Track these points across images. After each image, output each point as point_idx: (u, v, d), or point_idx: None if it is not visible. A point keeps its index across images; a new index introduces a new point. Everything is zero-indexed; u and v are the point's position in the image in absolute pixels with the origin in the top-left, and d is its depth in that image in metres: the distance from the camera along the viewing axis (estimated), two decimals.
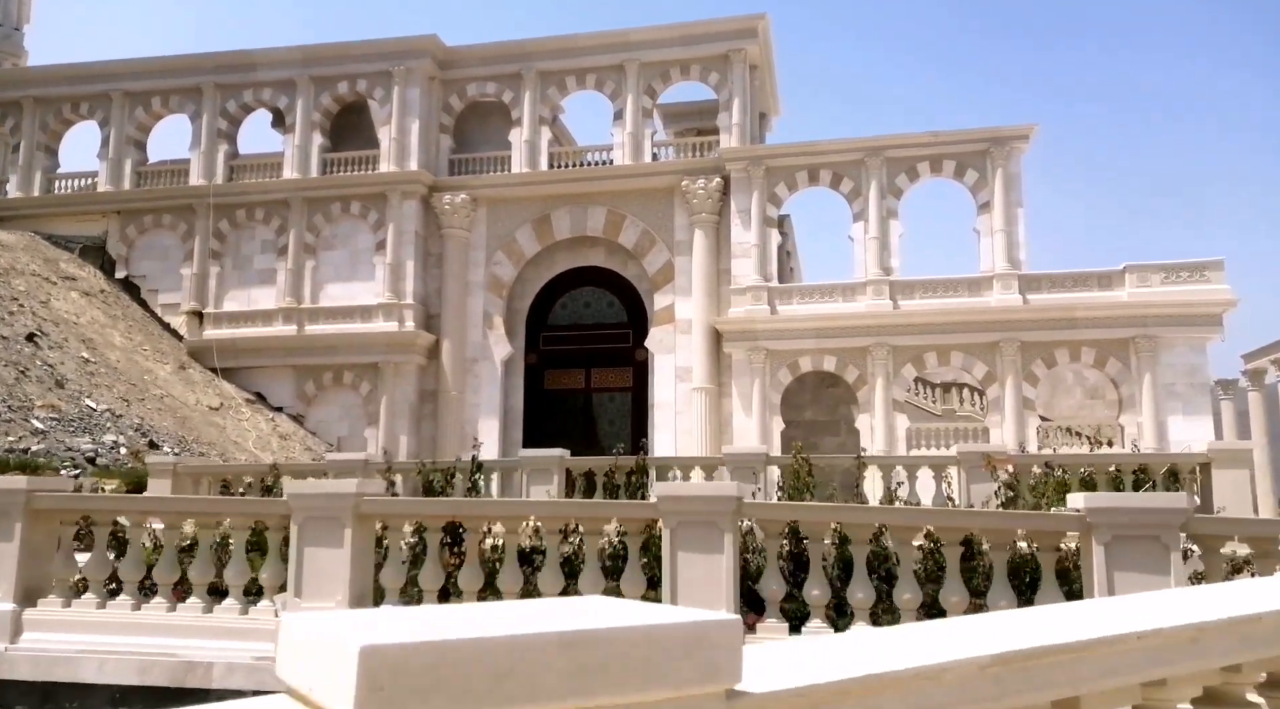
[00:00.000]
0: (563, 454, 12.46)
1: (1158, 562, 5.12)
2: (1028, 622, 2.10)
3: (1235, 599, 2.39)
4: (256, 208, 30.58)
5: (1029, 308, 24.77)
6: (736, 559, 5.66)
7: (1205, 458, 10.80)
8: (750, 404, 26.53)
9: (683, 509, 5.75)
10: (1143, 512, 5.29)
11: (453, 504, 7.33)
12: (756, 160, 27.39)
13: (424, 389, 29.39)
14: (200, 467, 14.23)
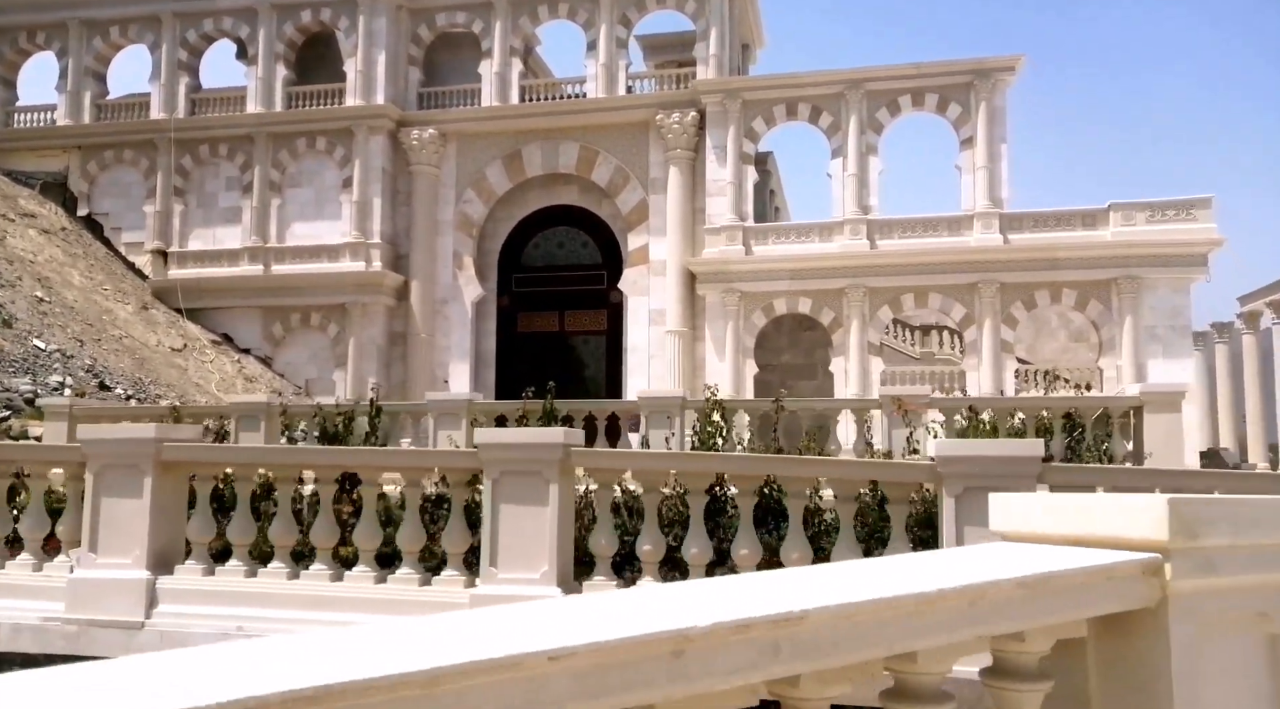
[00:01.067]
0: (471, 397, 11.89)
1: None
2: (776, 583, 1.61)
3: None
4: (220, 143, 29.68)
5: (1010, 248, 24.00)
6: (562, 513, 5.10)
7: (1137, 401, 10.19)
8: (723, 348, 25.94)
9: (506, 458, 5.17)
10: (996, 461, 4.72)
11: (263, 452, 6.79)
12: (732, 93, 26.38)
13: (393, 331, 28.80)
14: (99, 409, 13.67)
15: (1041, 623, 1.59)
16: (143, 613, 5.46)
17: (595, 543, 5.35)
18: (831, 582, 1.56)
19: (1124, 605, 1.69)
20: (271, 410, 11.85)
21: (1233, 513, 1.75)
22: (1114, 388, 23.25)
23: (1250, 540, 1.77)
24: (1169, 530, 1.68)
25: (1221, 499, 1.80)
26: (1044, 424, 9.89)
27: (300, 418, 11.58)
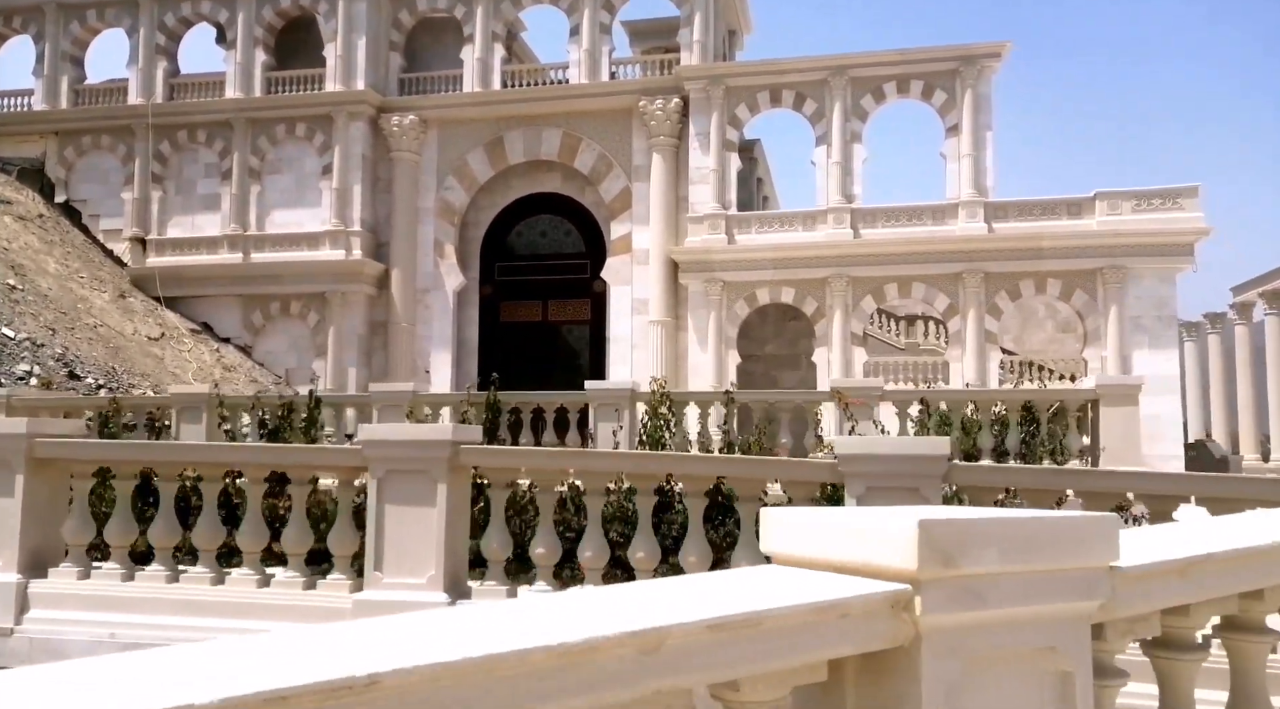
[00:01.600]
0: (415, 389, 11.60)
1: None
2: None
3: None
4: (198, 129, 29.32)
5: (994, 237, 23.68)
6: (451, 514, 4.83)
7: (1094, 394, 9.91)
8: (706, 338, 25.65)
9: (391, 456, 4.89)
10: (900, 460, 4.44)
11: (141, 448, 6.49)
12: (716, 79, 26.01)
13: (374, 320, 28.50)
14: (36, 399, 13.35)
15: (750, 670, 1.31)
16: (12, 618, 5.20)
17: (486, 545, 5.07)
18: (496, 625, 1.27)
19: (865, 646, 1.41)
20: (211, 401, 11.57)
21: (1004, 534, 1.47)
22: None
23: (1027, 566, 1.50)
24: (918, 558, 1.40)
25: (992, 518, 1.52)
26: (1000, 418, 9.61)
27: (240, 409, 11.30)
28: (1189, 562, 1.75)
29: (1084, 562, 1.58)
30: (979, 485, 4.56)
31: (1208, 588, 1.82)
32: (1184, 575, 1.75)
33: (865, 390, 10.13)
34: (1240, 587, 1.91)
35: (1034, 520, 1.54)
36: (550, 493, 5.12)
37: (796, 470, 4.88)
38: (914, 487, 4.39)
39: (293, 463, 5.51)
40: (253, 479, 5.39)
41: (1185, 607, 1.86)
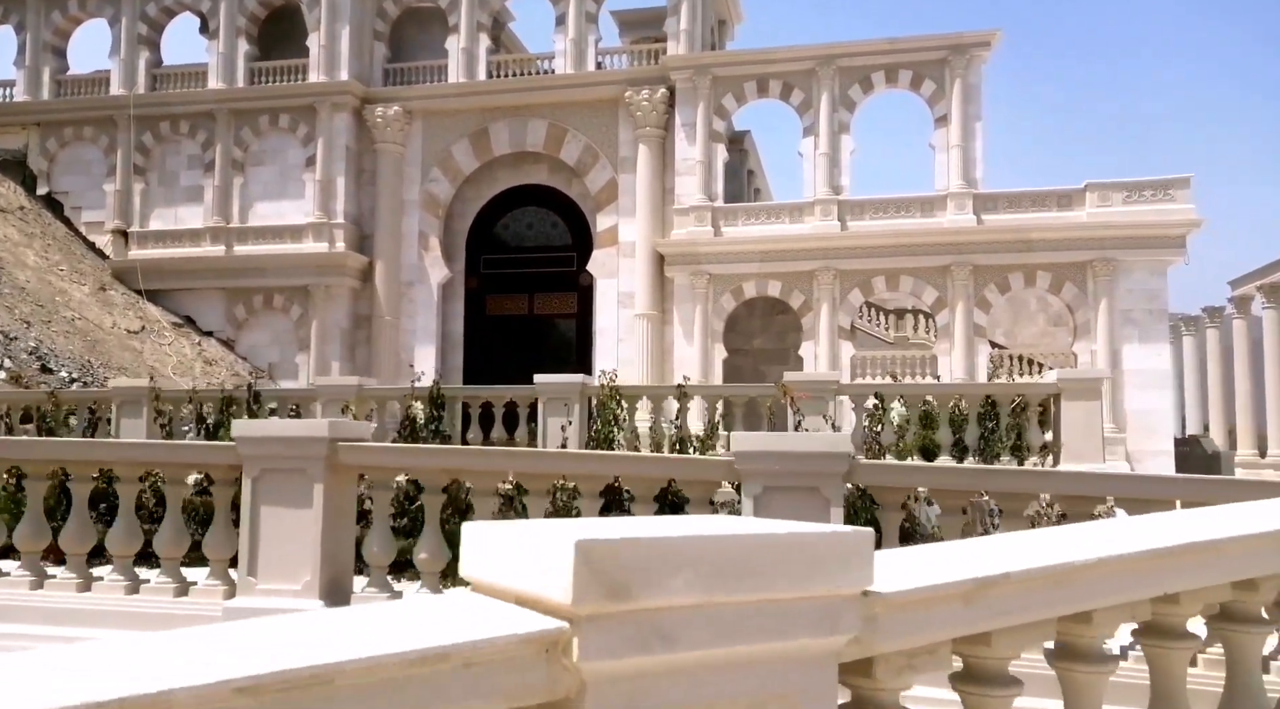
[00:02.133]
0: (361, 383, 11.30)
1: (816, 519, 3.98)
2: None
3: None
4: (181, 120, 29.01)
5: (983, 229, 23.33)
6: (330, 516, 4.53)
7: (1055, 388, 9.57)
8: (692, 331, 25.34)
9: (266, 453, 4.59)
10: (799, 457, 4.13)
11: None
12: (702, 69, 25.65)
13: (358, 313, 28.21)
14: None
15: None
16: None
17: (368, 550, 4.77)
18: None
19: (508, 703, 1.11)
20: (149, 395, 11.27)
21: (703, 556, 1.16)
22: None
23: (737, 596, 1.19)
24: (573, 589, 1.10)
25: (687, 536, 1.21)
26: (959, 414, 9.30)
27: (180, 404, 10.99)
28: (980, 583, 1.45)
29: (823, 588, 1.27)
30: (884, 485, 4.25)
31: (1006, 613, 1.52)
32: (970, 600, 1.45)
33: (818, 385, 9.79)
34: (1057, 609, 1.61)
35: (747, 538, 1.23)
36: (437, 494, 4.81)
37: (693, 469, 4.56)
38: (814, 486, 4.08)
39: (165, 461, 5.21)
40: (126, 478, 5.09)
41: (986, 635, 1.55)
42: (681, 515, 4.04)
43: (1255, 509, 2.32)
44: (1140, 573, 1.67)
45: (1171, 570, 1.71)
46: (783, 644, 1.27)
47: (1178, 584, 1.76)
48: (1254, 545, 1.87)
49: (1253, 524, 1.96)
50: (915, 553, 1.67)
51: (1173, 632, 1.87)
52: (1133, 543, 1.68)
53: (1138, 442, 22.07)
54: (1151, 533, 1.79)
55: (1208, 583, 1.83)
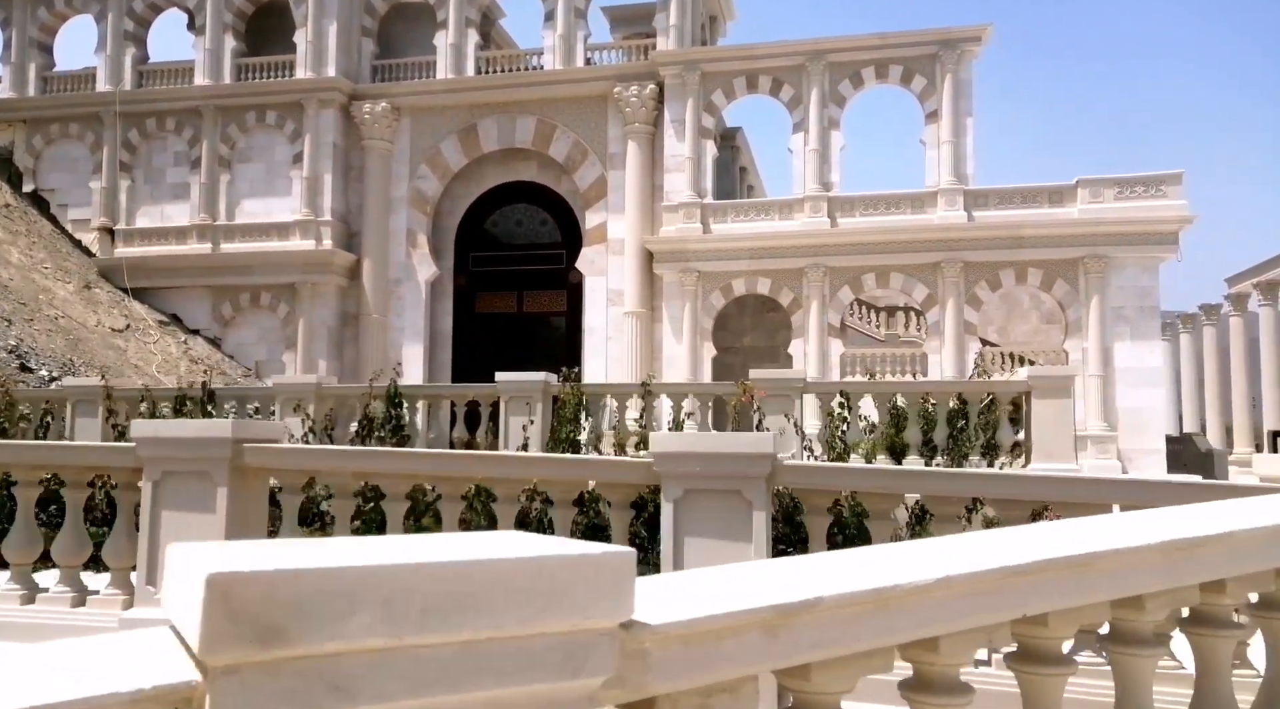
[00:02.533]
0: (319, 381, 11.07)
1: (738, 524, 3.77)
2: None
3: None
4: (167, 117, 28.80)
5: (974, 225, 23.10)
6: (233, 521, 4.31)
7: (1026, 386, 9.31)
8: (681, 329, 25.12)
9: (166, 455, 4.36)
10: (720, 459, 3.90)
11: None
12: (691, 65, 25.42)
13: (345, 311, 28.00)
14: None
15: None
16: None
17: None
18: None
19: None
20: (102, 394, 11.05)
21: (390, 593, 0.95)
22: (1079, 371, 22.42)
23: (434, 638, 0.98)
24: (202, 636, 0.89)
25: (370, 568, 0.98)
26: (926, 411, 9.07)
27: (130, 403, 10.78)
28: (781, 611, 1.23)
29: (565, 622, 1.06)
30: (807, 487, 4.03)
31: (824, 643, 1.30)
32: (772, 630, 1.23)
33: (784, 382, 9.54)
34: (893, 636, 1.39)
35: (461, 566, 1.01)
36: (348, 498, 4.58)
37: (610, 471, 4.33)
38: (736, 489, 3.86)
39: (63, 463, 4.98)
40: (25, 482, 4.87)
41: (805, 668, 1.34)
42: (408, 536, 3.89)
43: (1153, 517, 2.11)
44: (994, 593, 1.46)
45: (1033, 590, 1.50)
46: (511, 691, 1.06)
47: (1042, 604, 1.55)
48: (1135, 560, 1.66)
49: (1140, 534, 1.75)
50: (717, 575, 1.46)
51: (1044, 656, 1.66)
52: (988, 558, 1.47)
53: (1129, 440, 21.86)
54: (1015, 546, 1.58)
55: (1079, 602, 1.62)
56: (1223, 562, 2.00)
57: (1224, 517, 2.23)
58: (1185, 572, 1.94)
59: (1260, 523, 2.03)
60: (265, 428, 4.65)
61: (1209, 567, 2.05)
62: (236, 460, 4.35)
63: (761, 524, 3.81)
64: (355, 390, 10.68)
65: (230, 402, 11.30)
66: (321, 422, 10.31)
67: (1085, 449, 21.99)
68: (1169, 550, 1.84)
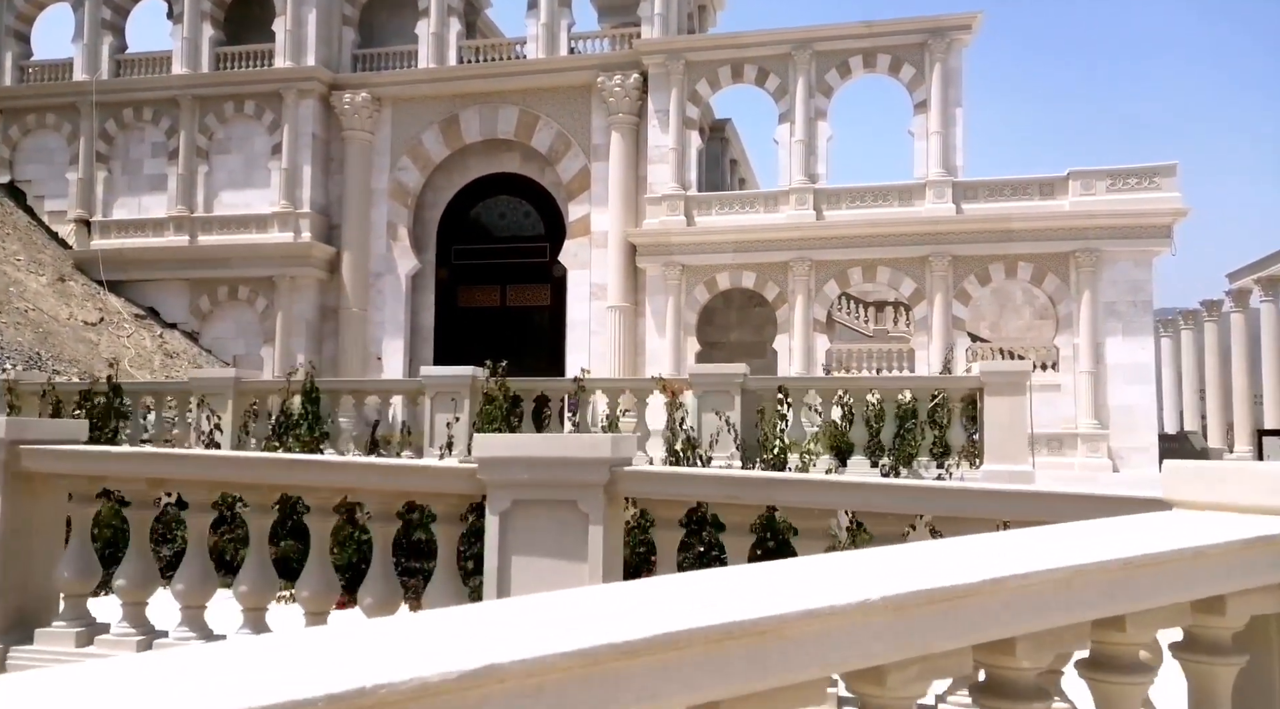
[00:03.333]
0: (238, 376, 10.54)
1: (573, 541, 3.25)
2: None
3: None
4: (145, 107, 28.32)
5: (963, 218, 22.54)
6: (6, 535, 3.80)
7: (978, 383, 8.73)
8: (664, 324, 24.61)
9: None
10: (552, 464, 3.37)
11: None
12: (675, 54, 24.87)
13: (325, 305, 27.53)
14: None
15: None
16: None
17: (59, 576, 4.02)
18: None
19: None
20: (3, 389, 10.55)
21: None
22: (1070, 367, 21.91)
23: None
24: None
25: None
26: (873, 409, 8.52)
27: (31, 397, 10.26)
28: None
29: None
30: (654, 496, 3.50)
31: None
32: None
33: (723, 378, 8.96)
34: None
35: None
36: (148, 508, 4.06)
37: (429, 479, 3.80)
38: (571, 499, 3.34)
39: None
40: None
41: None
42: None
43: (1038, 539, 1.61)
44: (677, 666, 0.96)
45: (709, 669, 0.99)
46: None
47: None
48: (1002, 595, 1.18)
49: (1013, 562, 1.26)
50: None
51: None
52: (690, 615, 0.97)
53: (1120, 438, 21.31)
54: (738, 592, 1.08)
55: (807, 676, 1.12)
56: (1114, 595, 1.52)
57: (1126, 538, 1.73)
58: (1073, 607, 1.45)
59: (1153, 548, 1.52)
60: (50, 427, 4.12)
61: (1099, 600, 1.55)
62: (12, 464, 3.82)
63: (598, 541, 3.28)
64: (275, 385, 10.17)
65: (147, 397, 10.79)
66: (240, 418, 9.78)
67: (1075, 448, 21.48)
68: (1049, 583, 1.35)
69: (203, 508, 3.85)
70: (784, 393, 8.64)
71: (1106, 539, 1.68)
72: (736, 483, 3.43)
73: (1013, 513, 2.84)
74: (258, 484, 3.69)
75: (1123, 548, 1.49)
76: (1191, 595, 1.60)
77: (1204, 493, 1.94)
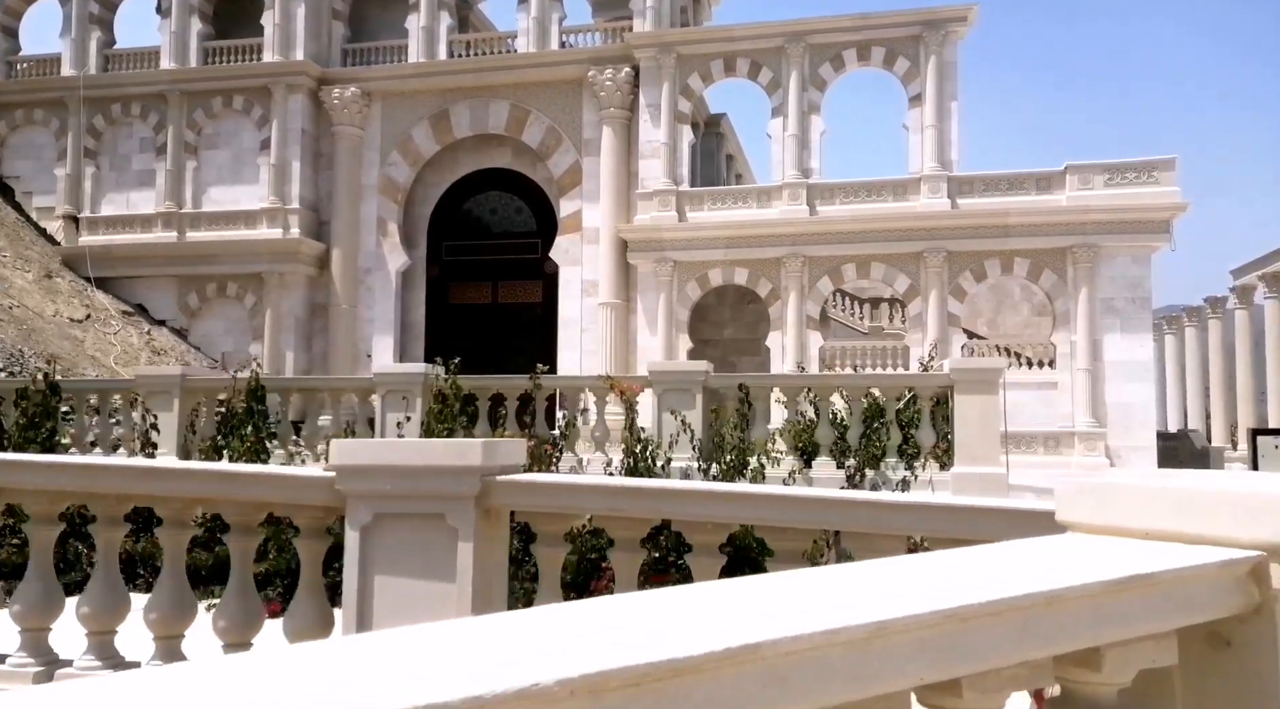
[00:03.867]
0: (184, 373, 10.21)
1: (441, 560, 2.91)
2: None
3: None
4: (133, 102, 28.05)
5: (958, 213, 22.15)
6: None
7: (948, 380, 8.33)
8: (656, 321, 24.29)
9: None
10: (416, 473, 3.01)
11: None
12: (666, 47, 24.51)
13: (314, 302, 27.24)
14: None
15: None
16: None
17: None
18: None
19: None
20: None
21: None
22: (1067, 365, 21.51)
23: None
24: None
25: None
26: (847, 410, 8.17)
27: None
28: None
29: None
30: (533, 509, 3.16)
31: None
32: None
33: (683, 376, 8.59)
34: None
35: None
36: (49, 524, 3.67)
37: (284, 488, 3.45)
38: (438, 512, 3.00)
39: None
40: None
41: None
42: None
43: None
44: None
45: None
46: None
47: None
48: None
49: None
50: None
51: None
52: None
53: (1118, 437, 20.92)
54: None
55: None
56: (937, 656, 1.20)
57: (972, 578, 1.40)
58: (875, 675, 1.12)
59: (988, 596, 1.19)
60: None
61: (914, 663, 1.22)
62: None
63: (468, 560, 2.95)
64: (221, 383, 9.84)
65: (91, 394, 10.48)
66: (187, 418, 9.45)
67: (1073, 446, 21.10)
68: (837, 646, 1.03)
69: (114, 522, 3.47)
70: (744, 391, 8.29)
71: (944, 578, 1.34)
72: (622, 494, 3.09)
73: (923, 527, 2.51)
74: (103, 494, 3.35)
75: (951, 595, 1.16)
76: (1049, 650, 1.27)
77: (1097, 515, 1.61)
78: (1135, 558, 1.40)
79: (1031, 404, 21.49)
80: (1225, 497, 1.48)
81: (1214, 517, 1.47)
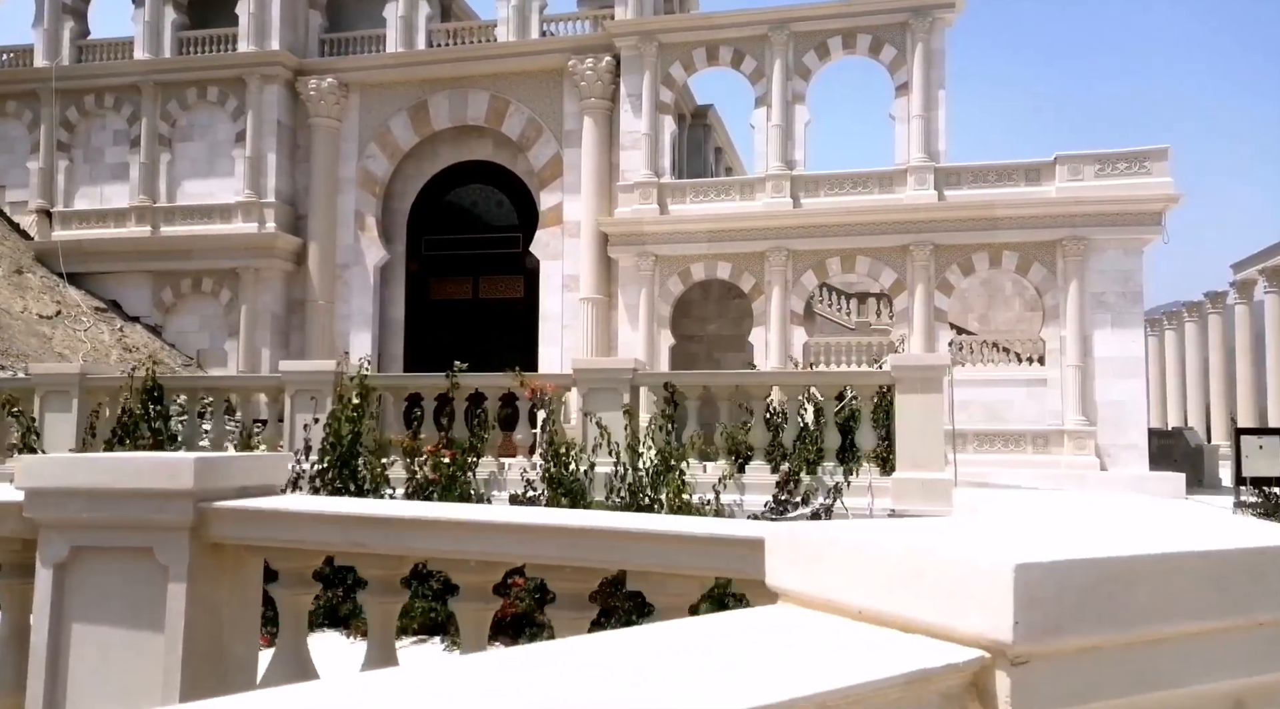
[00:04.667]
0: (83, 372, 9.64)
1: (149, 605, 2.34)
2: None
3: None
4: (106, 94, 27.49)
5: (945, 205, 21.55)
6: None
7: (889, 378, 7.72)
8: (637, 316, 23.71)
9: None
10: (120, 498, 2.36)
11: None
12: (648, 35, 23.91)
13: (291, 298, 26.69)
14: None
15: None
16: None
17: None
18: None
19: None
20: None
21: None
22: (1057, 361, 20.92)
23: None
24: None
25: None
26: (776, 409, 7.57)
27: None
28: None
29: None
30: (257, 542, 2.54)
31: None
32: None
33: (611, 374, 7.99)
34: None
35: None
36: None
37: None
38: (146, 546, 2.43)
39: None
40: None
41: None
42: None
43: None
44: None
45: None
46: None
47: None
48: None
49: None
50: None
51: None
52: None
53: (1109, 435, 20.34)
54: None
55: None
56: None
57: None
58: None
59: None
60: None
61: None
62: None
63: (179, 605, 2.40)
64: (117, 382, 9.29)
65: None
66: (86, 419, 8.89)
67: (1062, 445, 20.54)
68: None
69: None
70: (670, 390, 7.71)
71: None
72: (364, 524, 2.54)
73: (625, 559, 1.98)
74: None
75: None
76: None
77: (808, 579, 1.08)
78: (817, 659, 0.85)
79: (1021, 401, 20.93)
80: (954, 564, 0.94)
81: (933, 594, 0.94)
